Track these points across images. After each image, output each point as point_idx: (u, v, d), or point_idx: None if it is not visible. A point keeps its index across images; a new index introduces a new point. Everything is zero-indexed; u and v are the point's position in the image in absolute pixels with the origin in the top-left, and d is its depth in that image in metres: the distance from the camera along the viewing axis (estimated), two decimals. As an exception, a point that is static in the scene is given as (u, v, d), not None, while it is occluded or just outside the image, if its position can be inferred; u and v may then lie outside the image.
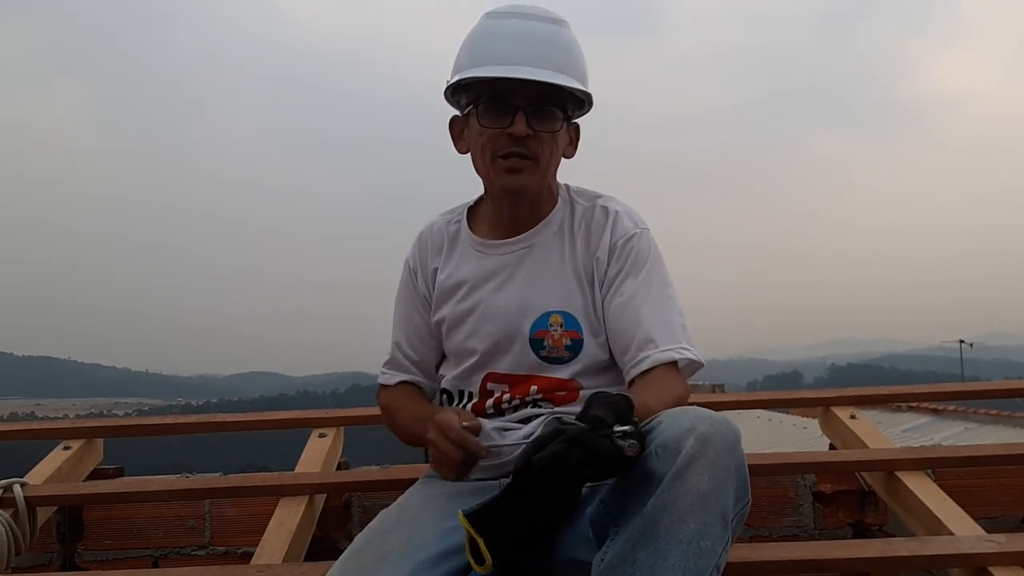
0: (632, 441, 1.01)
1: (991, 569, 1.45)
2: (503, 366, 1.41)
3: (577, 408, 1.32)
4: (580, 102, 1.43)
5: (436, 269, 1.51)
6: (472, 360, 1.44)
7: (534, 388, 1.39)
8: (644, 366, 1.33)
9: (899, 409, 9.35)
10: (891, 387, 2.55)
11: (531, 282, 1.43)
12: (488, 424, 1.39)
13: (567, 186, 1.51)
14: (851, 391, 2.26)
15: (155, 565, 2.06)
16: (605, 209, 1.45)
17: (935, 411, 9.29)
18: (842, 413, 2.15)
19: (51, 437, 2.25)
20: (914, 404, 9.10)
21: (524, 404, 1.39)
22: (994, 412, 8.77)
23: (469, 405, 1.44)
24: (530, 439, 1.30)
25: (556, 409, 1.36)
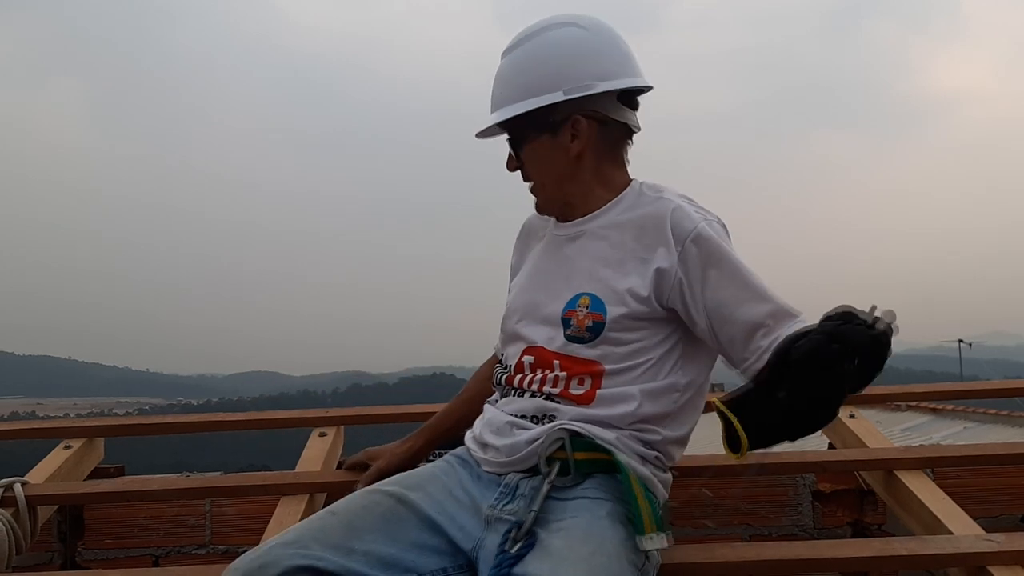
0: (883, 320, 1.00)
1: (990, 568, 1.45)
2: (535, 339, 1.47)
3: (592, 411, 1.37)
4: (562, 106, 1.43)
5: (523, 248, 1.65)
6: (511, 332, 1.53)
7: (556, 363, 1.42)
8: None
9: (898, 408, 9.35)
10: (890, 386, 2.54)
11: (573, 263, 1.48)
12: (502, 418, 1.44)
13: (640, 182, 1.51)
14: (850, 390, 2.26)
15: (156, 564, 2.07)
16: (666, 202, 1.44)
17: (934, 410, 9.29)
18: (841, 412, 2.15)
19: (52, 436, 2.25)
20: (913, 403, 9.09)
21: (546, 381, 1.42)
22: (993, 411, 8.77)
23: (504, 377, 1.51)
24: (537, 442, 1.35)
25: (571, 425, 1.36)
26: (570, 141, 1.45)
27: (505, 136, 1.52)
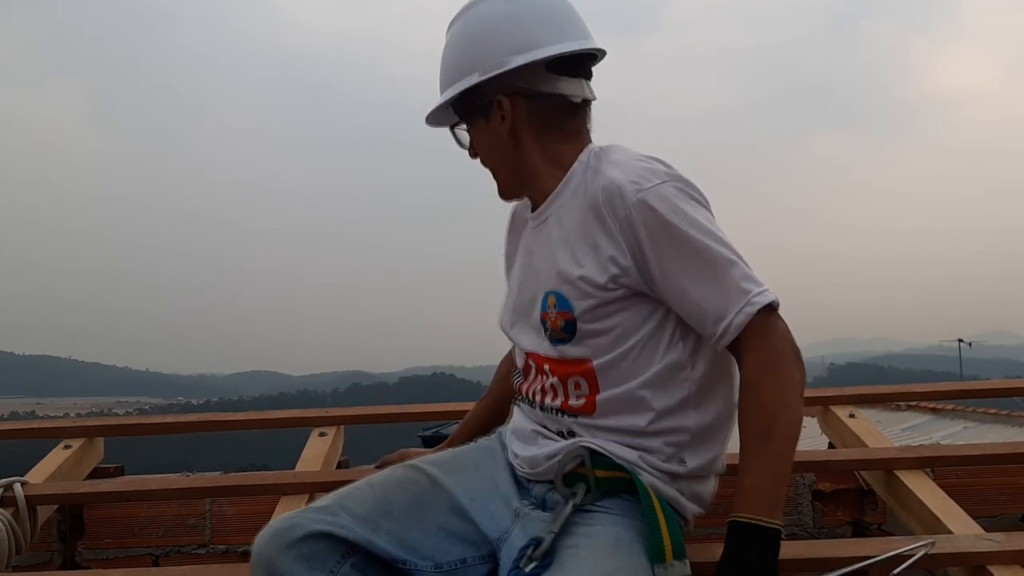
0: None
1: (990, 568, 1.45)
2: (528, 345, 1.43)
3: (602, 421, 1.33)
4: (485, 88, 1.36)
5: (510, 240, 1.58)
6: (510, 337, 1.51)
7: (547, 367, 1.38)
8: (726, 340, 1.26)
9: (898, 408, 9.35)
10: (890, 386, 2.55)
11: (539, 258, 1.41)
12: (529, 426, 1.42)
13: (589, 153, 1.39)
14: (850, 390, 2.27)
15: (156, 564, 2.07)
16: (600, 178, 1.32)
17: (934, 410, 9.29)
18: (841, 412, 2.16)
19: (52, 436, 2.25)
20: (913, 403, 9.10)
21: (546, 391, 1.39)
22: (993, 411, 8.77)
23: (518, 383, 1.49)
24: (554, 459, 1.34)
25: (589, 443, 1.32)
26: (500, 122, 1.38)
27: (458, 123, 1.47)
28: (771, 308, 1.26)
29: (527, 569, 1.22)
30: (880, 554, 1.46)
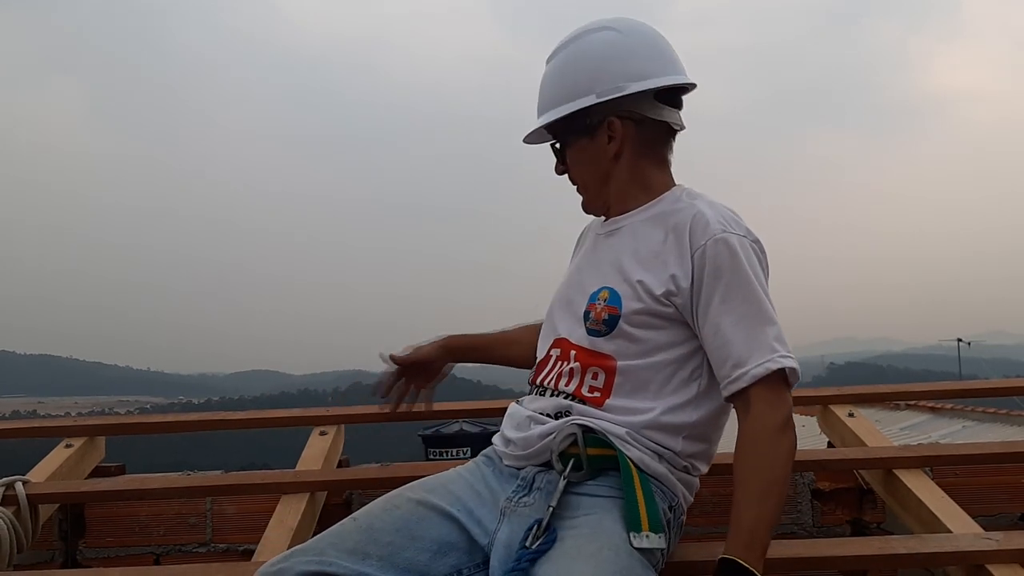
0: None
1: (988, 567, 1.46)
2: (562, 331, 1.50)
3: (606, 412, 1.38)
4: (597, 109, 1.46)
5: (576, 250, 1.67)
6: (546, 327, 1.57)
7: (573, 354, 1.45)
8: (738, 385, 1.33)
9: (897, 407, 9.36)
10: (889, 385, 2.55)
11: (604, 258, 1.50)
12: (523, 412, 1.47)
13: (683, 188, 1.51)
14: (849, 389, 2.27)
15: (157, 562, 2.07)
16: (693, 208, 1.43)
17: (933, 409, 9.30)
18: (840, 411, 2.16)
19: (53, 435, 2.26)
20: (912, 402, 9.12)
21: (562, 376, 1.45)
22: (992, 410, 8.79)
23: (531, 375, 1.54)
24: (550, 436, 1.38)
25: (583, 420, 1.38)
26: (607, 143, 1.48)
27: (550, 141, 1.55)
28: (788, 375, 1.35)
29: (533, 546, 1.26)
30: (879, 553, 1.47)
